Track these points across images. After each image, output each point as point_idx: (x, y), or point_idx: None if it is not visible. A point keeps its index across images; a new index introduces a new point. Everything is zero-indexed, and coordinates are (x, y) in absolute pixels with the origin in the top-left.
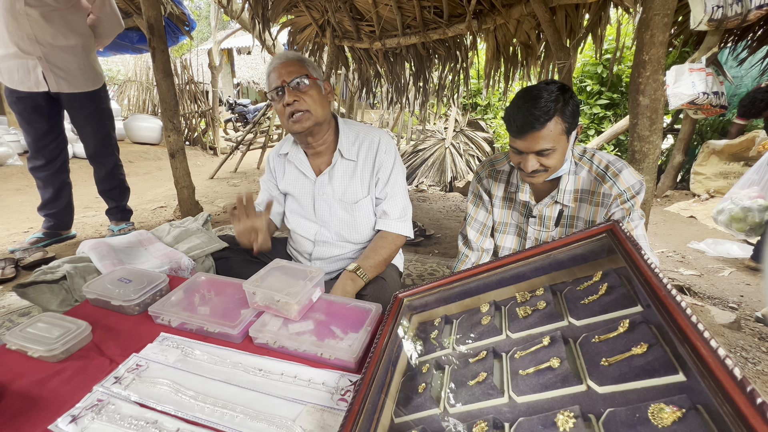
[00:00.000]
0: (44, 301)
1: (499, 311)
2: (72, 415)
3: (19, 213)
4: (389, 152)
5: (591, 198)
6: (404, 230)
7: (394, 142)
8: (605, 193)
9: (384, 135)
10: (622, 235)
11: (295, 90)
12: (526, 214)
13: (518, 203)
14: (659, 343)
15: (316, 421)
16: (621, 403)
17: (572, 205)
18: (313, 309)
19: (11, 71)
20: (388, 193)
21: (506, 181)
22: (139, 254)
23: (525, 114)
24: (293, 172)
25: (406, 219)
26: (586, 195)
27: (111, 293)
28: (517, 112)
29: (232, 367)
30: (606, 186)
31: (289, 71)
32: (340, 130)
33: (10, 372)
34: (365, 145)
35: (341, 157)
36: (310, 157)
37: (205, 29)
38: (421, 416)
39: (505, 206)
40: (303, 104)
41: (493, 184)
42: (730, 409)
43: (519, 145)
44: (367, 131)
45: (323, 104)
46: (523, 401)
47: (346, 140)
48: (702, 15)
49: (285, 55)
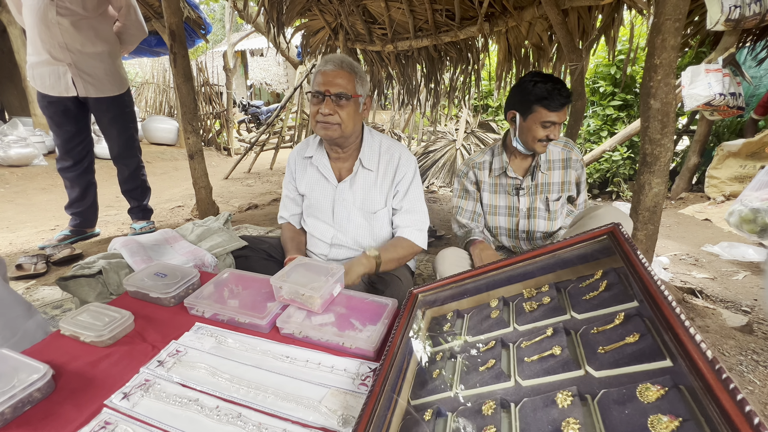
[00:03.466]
0: (83, 294)
1: (507, 306)
2: (123, 393)
3: (45, 211)
4: (409, 168)
5: (562, 164)
6: (421, 241)
7: (414, 158)
8: (573, 158)
9: (405, 150)
10: (622, 238)
11: (335, 103)
12: (515, 188)
13: (505, 184)
14: (650, 333)
15: (340, 402)
16: (614, 384)
17: (546, 173)
18: (334, 303)
19: (43, 77)
20: (407, 206)
21: (489, 168)
22: (166, 251)
23: (565, 91)
24: (315, 175)
25: (423, 231)
26: (558, 163)
27: (149, 286)
28: (556, 90)
29: (261, 354)
30: (573, 153)
31: (337, 82)
32: (364, 140)
33: (65, 354)
34: (385, 158)
35: (361, 167)
36: (332, 161)
37: (219, 32)
38: (436, 398)
39: (492, 190)
40: (336, 118)
41: (479, 173)
42: (702, 385)
43: (554, 117)
44: (389, 145)
45: (356, 120)
46: (528, 384)
47: (368, 150)
48: (719, 15)
49: (340, 61)
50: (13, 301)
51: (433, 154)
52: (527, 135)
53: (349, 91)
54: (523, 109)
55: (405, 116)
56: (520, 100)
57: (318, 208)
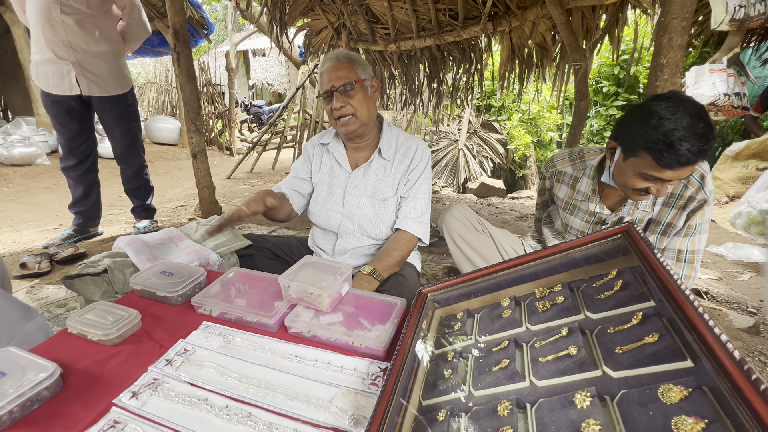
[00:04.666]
0: (88, 293)
1: (519, 306)
2: (132, 392)
3: (48, 210)
4: (423, 159)
5: (675, 201)
6: (419, 232)
7: (429, 152)
8: (691, 196)
9: (422, 143)
10: (637, 236)
11: (343, 95)
12: (595, 221)
13: (586, 212)
14: (669, 333)
15: (351, 402)
16: (633, 385)
17: (649, 210)
18: (342, 302)
19: (47, 76)
20: (412, 194)
21: (571, 186)
22: (171, 250)
23: (702, 142)
24: (329, 162)
25: (423, 222)
26: (670, 199)
27: (155, 285)
28: (694, 137)
29: (270, 353)
30: (693, 189)
31: (338, 75)
32: (383, 131)
33: (73, 353)
34: (403, 149)
35: (379, 156)
36: (349, 151)
37: (221, 31)
38: (448, 398)
39: (567, 210)
40: (349, 108)
41: (555, 185)
42: (730, 386)
43: (671, 175)
44: (406, 137)
45: (369, 105)
46: (543, 385)
47: (387, 141)
48: (723, 15)
49: (336, 56)
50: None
51: (435, 154)
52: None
53: (352, 78)
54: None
55: (407, 116)
56: (631, 133)
57: (330, 194)
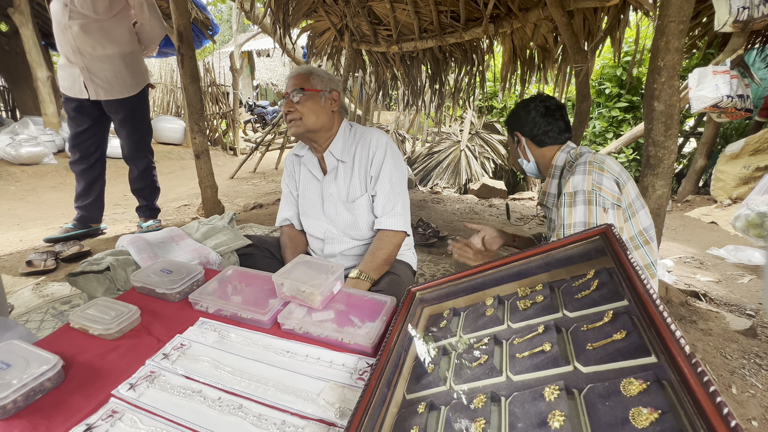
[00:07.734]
0: (91, 290)
1: (502, 304)
2: (130, 383)
3: (55, 209)
4: (380, 149)
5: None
6: (398, 225)
7: (387, 137)
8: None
9: (376, 133)
10: (613, 238)
11: (292, 100)
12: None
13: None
14: (636, 331)
15: (338, 395)
16: (601, 379)
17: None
18: (334, 300)
19: (63, 79)
20: (380, 189)
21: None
22: (172, 249)
23: None
24: (306, 174)
25: (397, 214)
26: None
27: (155, 282)
28: None
29: (263, 348)
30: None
31: (292, 83)
32: (338, 133)
33: (74, 346)
34: (360, 145)
35: (334, 158)
36: (318, 159)
37: (226, 32)
38: (430, 392)
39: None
40: (296, 114)
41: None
42: (678, 378)
43: None
44: (363, 132)
45: (318, 113)
46: (519, 379)
47: (341, 142)
48: (727, 16)
49: (297, 68)
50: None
51: (437, 155)
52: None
53: (304, 86)
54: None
55: (409, 117)
56: None
57: (311, 204)
